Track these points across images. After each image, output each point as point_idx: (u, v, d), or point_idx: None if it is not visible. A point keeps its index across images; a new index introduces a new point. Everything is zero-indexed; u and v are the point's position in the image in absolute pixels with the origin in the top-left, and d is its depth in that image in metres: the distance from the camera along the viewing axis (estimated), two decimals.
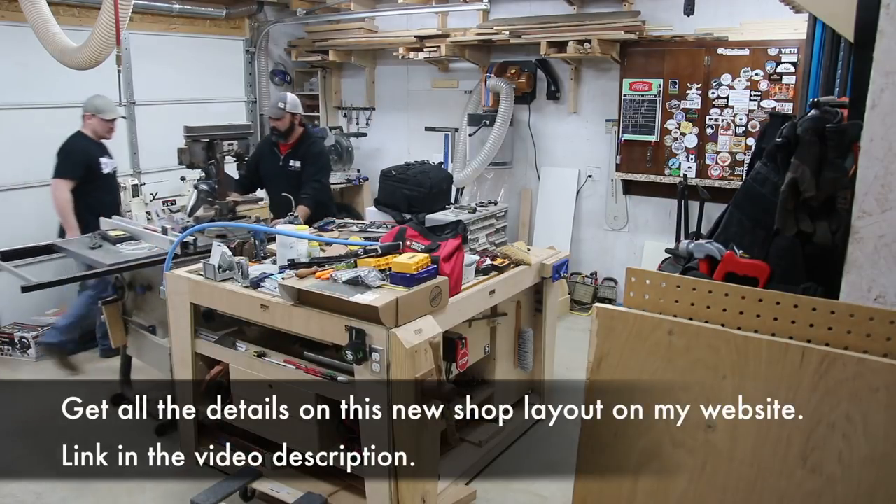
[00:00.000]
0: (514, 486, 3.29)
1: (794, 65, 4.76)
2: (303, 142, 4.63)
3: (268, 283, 2.97)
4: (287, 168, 4.58)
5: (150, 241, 3.81)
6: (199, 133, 3.92)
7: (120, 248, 3.76)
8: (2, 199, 5.04)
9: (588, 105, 5.91)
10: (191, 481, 3.07)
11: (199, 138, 3.92)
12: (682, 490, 1.69)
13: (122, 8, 3.78)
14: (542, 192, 6.20)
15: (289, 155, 4.60)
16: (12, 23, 4.88)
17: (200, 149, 3.92)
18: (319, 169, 4.62)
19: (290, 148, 4.61)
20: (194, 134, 3.91)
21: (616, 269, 5.93)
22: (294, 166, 4.57)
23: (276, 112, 4.50)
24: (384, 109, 7.13)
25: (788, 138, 2.03)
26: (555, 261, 3.66)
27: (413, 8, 6.23)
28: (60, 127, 5.33)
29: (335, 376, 2.77)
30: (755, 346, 1.58)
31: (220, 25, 6.53)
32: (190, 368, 3.23)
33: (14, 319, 5.05)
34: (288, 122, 4.52)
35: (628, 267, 1.83)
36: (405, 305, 2.65)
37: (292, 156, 4.60)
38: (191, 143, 3.91)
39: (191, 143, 3.91)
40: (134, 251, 3.71)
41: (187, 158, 3.92)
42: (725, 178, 5.12)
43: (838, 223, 1.90)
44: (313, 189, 4.50)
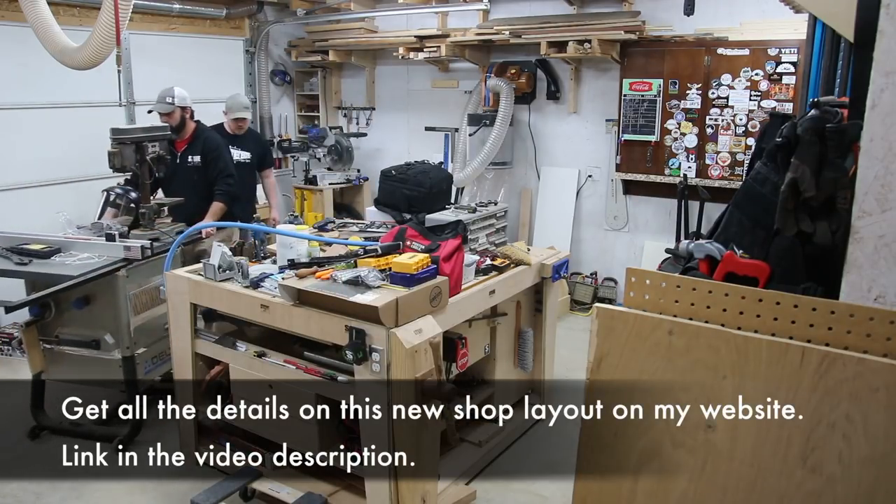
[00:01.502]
0: (514, 486, 3.29)
1: (794, 65, 4.76)
2: (198, 136, 4.51)
3: (268, 283, 2.97)
4: (186, 164, 4.43)
5: (90, 250, 3.62)
6: (126, 136, 3.87)
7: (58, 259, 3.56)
8: (2, 199, 5.04)
9: (588, 105, 5.91)
10: (191, 481, 3.07)
11: (127, 141, 3.85)
12: (682, 490, 1.69)
13: (122, 8, 3.79)
14: (542, 192, 6.20)
15: (185, 151, 4.47)
16: (12, 23, 4.88)
17: (131, 151, 3.85)
18: (226, 163, 4.53)
19: (185, 144, 4.48)
20: (122, 136, 3.84)
21: (616, 269, 5.93)
22: (193, 162, 4.44)
23: (165, 107, 4.35)
24: (384, 109, 7.13)
25: (788, 138, 2.03)
26: (555, 261, 3.66)
27: (413, 8, 6.23)
28: (60, 127, 5.35)
29: (335, 376, 2.77)
30: (755, 346, 1.58)
31: (220, 25, 6.53)
32: (190, 368, 3.23)
33: (14, 319, 5.04)
34: (178, 116, 4.40)
35: (628, 267, 1.83)
36: (405, 305, 2.65)
37: (189, 151, 4.47)
38: (119, 145, 3.81)
39: (119, 145, 3.81)
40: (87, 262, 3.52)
41: (119, 161, 3.83)
42: (725, 178, 5.12)
43: (838, 223, 1.90)
44: (227, 185, 4.43)
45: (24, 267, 3.47)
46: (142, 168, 3.92)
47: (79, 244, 3.67)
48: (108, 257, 3.55)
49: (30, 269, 3.47)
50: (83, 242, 3.68)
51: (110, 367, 3.54)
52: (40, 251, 3.58)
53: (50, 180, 5.31)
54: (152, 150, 3.94)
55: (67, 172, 5.41)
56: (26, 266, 3.47)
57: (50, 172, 5.31)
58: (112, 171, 3.97)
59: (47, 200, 5.25)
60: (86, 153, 5.51)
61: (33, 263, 3.50)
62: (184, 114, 4.44)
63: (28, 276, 3.57)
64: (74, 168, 5.44)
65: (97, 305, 3.54)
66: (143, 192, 3.96)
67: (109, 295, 3.48)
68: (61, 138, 5.36)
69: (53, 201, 5.27)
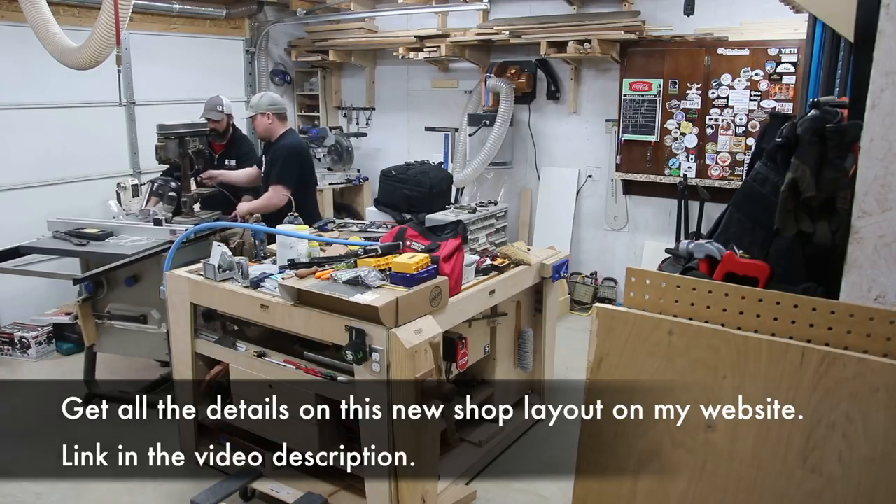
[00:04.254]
0: (514, 486, 3.29)
1: (794, 65, 4.76)
2: (235, 141, 4.86)
3: (268, 283, 2.97)
4: (223, 166, 4.73)
5: (139, 233, 3.97)
6: (171, 131, 4.16)
7: (112, 241, 3.93)
8: (3, 199, 5.04)
9: (588, 105, 5.91)
10: (191, 481, 3.07)
11: (171, 135, 4.15)
12: (682, 490, 1.69)
13: (122, 8, 3.79)
14: (542, 192, 6.20)
15: (223, 154, 4.80)
16: (12, 23, 4.88)
17: (175, 145, 4.16)
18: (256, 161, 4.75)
19: (223, 148, 4.81)
20: (167, 131, 4.15)
21: (616, 269, 5.93)
22: (230, 164, 4.75)
23: (216, 115, 4.68)
24: (384, 109, 7.13)
25: (788, 138, 2.02)
26: (555, 261, 3.65)
27: (413, 8, 6.23)
28: (60, 127, 5.35)
29: (335, 376, 2.77)
30: (755, 346, 1.58)
31: (220, 25, 6.53)
32: (190, 368, 3.23)
33: (14, 319, 5.05)
34: (226, 123, 4.75)
35: (628, 267, 1.82)
36: (405, 305, 2.65)
37: (227, 154, 4.79)
38: (165, 140, 4.13)
39: (165, 140, 4.13)
40: (138, 243, 3.86)
41: (164, 154, 4.16)
42: (725, 178, 5.12)
43: (838, 223, 1.90)
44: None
45: (83, 248, 3.89)
46: (183, 160, 4.23)
47: (129, 228, 4.05)
48: (155, 240, 3.87)
49: (88, 250, 3.89)
50: (133, 227, 4.06)
51: (155, 341, 3.86)
52: (96, 234, 3.97)
53: (50, 180, 5.31)
54: (193, 144, 4.27)
55: (67, 172, 5.41)
56: (84, 247, 3.89)
57: (50, 172, 5.31)
58: (157, 163, 4.35)
59: (47, 200, 5.26)
60: (85, 153, 5.52)
61: (90, 245, 3.90)
62: (229, 120, 4.79)
63: (86, 256, 3.98)
64: (74, 168, 5.45)
65: (145, 283, 3.85)
66: (184, 183, 4.29)
67: (157, 273, 3.69)
68: (61, 138, 5.37)
69: (53, 201, 5.28)
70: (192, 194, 4.29)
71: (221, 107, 4.69)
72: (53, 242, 3.99)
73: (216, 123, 4.65)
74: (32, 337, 4.81)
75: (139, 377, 4.33)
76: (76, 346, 4.88)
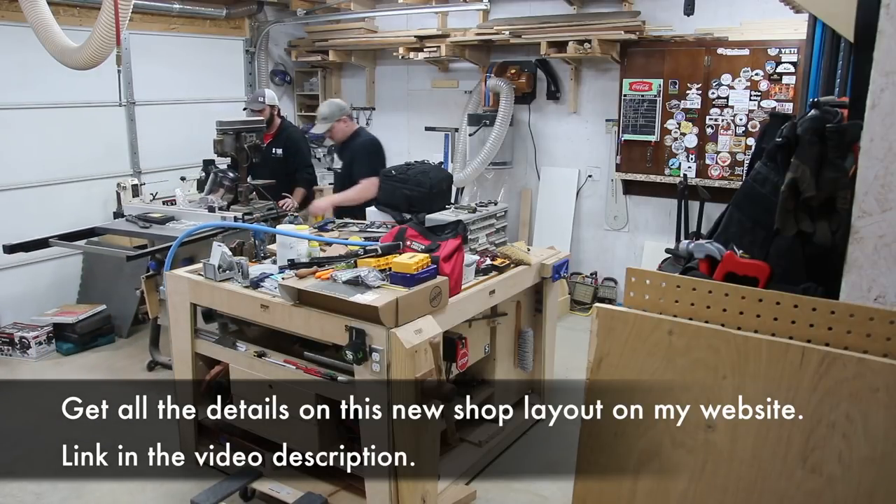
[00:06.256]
0: (514, 486, 3.29)
1: (794, 65, 4.76)
2: (282, 131, 5.22)
3: (268, 283, 2.97)
4: (270, 155, 5.05)
5: (196, 219, 4.45)
6: (228, 127, 4.58)
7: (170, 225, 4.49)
8: (3, 198, 5.04)
9: (588, 105, 5.91)
10: (191, 481, 3.07)
11: (229, 131, 4.57)
12: (682, 490, 1.69)
13: (122, 8, 3.79)
14: (542, 192, 6.20)
15: (271, 144, 5.10)
16: (12, 23, 4.88)
17: (231, 140, 4.55)
18: (304, 156, 5.30)
19: (271, 137, 5.14)
20: (225, 127, 4.57)
21: (616, 269, 5.93)
22: (276, 153, 5.11)
23: (257, 105, 5.07)
24: (384, 109, 7.13)
25: (788, 138, 2.02)
26: (555, 261, 3.65)
27: (413, 8, 6.23)
28: (60, 127, 5.35)
29: (335, 376, 2.77)
30: (755, 346, 1.58)
31: (220, 25, 6.53)
32: (190, 368, 3.23)
33: (14, 319, 5.05)
34: (268, 113, 5.08)
35: (628, 267, 1.82)
36: (405, 305, 2.65)
37: (274, 144, 5.13)
38: (223, 135, 4.54)
39: (223, 135, 4.54)
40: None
41: (221, 148, 4.56)
42: (725, 178, 5.12)
43: (838, 223, 1.90)
44: (307, 174, 5.22)
45: (147, 230, 4.50)
46: (240, 154, 4.61)
47: (187, 214, 4.60)
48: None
49: (151, 232, 4.48)
50: (190, 213, 4.59)
51: None
52: (158, 219, 4.57)
53: (50, 180, 5.31)
54: (249, 139, 4.63)
55: (67, 172, 5.42)
56: (148, 229, 4.50)
57: (50, 172, 5.31)
58: (217, 156, 4.75)
59: (47, 200, 5.26)
60: (85, 153, 5.52)
61: (153, 227, 4.50)
62: (272, 111, 5.14)
63: (150, 237, 4.53)
64: (74, 168, 5.45)
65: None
66: (241, 174, 4.70)
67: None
68: (61, 138, 5.37)
69: (53, 201, 5.28)
70: (247, 185, 4.71)
71: (263, 98, 5.07)
72: (124, 224, 4.67)
73: (258, 113, 5.01)
74: (32, 337, 4.81)
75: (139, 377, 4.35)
76: (76, 346, 4.89)
